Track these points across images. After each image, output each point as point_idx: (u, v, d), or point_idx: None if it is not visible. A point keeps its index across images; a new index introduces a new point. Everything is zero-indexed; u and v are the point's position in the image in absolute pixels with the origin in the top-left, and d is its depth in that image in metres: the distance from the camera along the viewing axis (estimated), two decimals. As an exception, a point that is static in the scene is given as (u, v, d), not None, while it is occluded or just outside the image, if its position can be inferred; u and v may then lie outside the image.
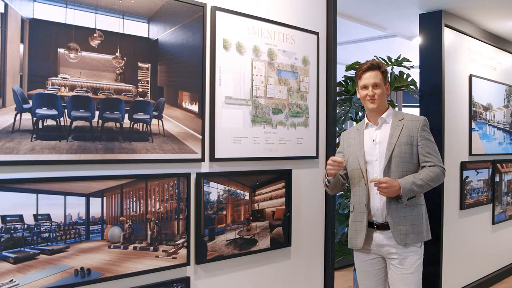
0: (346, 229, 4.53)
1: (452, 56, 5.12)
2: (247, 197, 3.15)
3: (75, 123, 2.38)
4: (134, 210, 2.60)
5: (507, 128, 6.25)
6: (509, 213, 6.30)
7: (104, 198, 2.48)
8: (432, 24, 4.97)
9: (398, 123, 3.03)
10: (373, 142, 3.05)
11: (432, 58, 4.95)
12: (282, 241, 3.35)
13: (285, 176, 3.37)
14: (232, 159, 3.06)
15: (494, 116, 5.94)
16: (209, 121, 2.94)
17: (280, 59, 3.33)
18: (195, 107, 2.87)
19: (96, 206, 2.45)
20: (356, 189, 3.10)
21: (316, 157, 3.60)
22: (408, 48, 6.25)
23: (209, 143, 2.94)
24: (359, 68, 3.08)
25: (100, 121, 2.46)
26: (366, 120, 3.15)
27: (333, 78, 3.71)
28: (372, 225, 3.04)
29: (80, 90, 2.40)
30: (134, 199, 2.60)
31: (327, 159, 3.67)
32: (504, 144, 6.16)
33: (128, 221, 2.58)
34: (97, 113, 2.45)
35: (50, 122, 2.30)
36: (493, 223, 5.94)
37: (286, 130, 3.37)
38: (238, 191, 3.10)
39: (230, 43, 3.04)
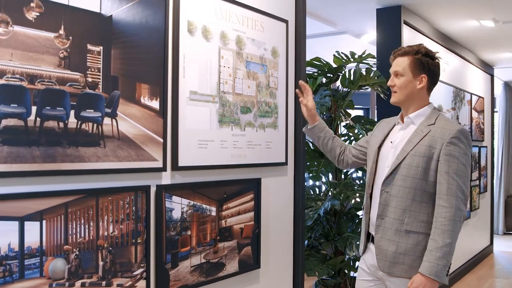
0: (306, 241, 4.11)
1: (409, 55, 4.83)
2: (213, 213, 2.62)
3: (4, 122, 1.76)
4: (82, 235, 2.00)
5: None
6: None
7: (44, 222, 1.87)
8: (391, 20, 4.66)
9: (424, 128, 2.39)
10: (390, 144, 2.50)
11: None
12: (250, 263, 2.85)
13: (254, 186, 2.87)
14: (197, 168, 2.52)
15: (444, 119, 5.75)
16: (172, 121, 2.39)
17: (248, 49, 2.83)
18: (155, 103, 2.30)
19: (33, 233, 1.84)
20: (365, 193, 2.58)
21: (286, 163, 3.12)
22: (356, 46, 5.92)
23: (171, 148, 2.39)
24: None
25: (38, 119, 1.85)
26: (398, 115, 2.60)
27: (302, 72, 3.25)
28: (372, 238, 2.49)
29: (11, 78, 1.78)
30: (82, 221, 2.00)
31: (296, 165, 3.23)
32: (452, 147, 5.99)
33: (74, 250, 1.98)
34: (34, 108, 1.84)
35: (-31, 120, 1.68)
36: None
37: (255, 132, 2.88)
38: (204, 206, 2.56)
39: (195, 27, 2.51)
